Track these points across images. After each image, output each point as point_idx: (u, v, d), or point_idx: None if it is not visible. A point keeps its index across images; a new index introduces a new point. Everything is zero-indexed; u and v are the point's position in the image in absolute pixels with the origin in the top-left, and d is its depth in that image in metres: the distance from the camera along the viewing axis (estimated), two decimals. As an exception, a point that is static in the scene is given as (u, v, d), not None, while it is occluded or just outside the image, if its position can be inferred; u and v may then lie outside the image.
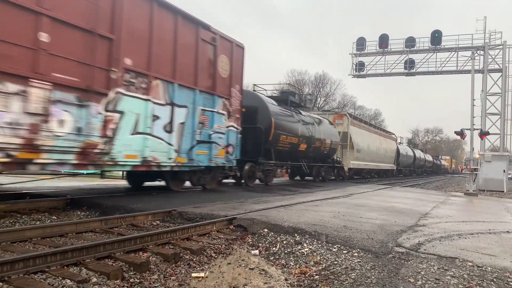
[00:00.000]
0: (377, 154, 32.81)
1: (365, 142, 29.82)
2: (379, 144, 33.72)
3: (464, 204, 14.49)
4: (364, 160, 29.23)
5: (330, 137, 22.44)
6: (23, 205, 7.71)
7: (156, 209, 7.89)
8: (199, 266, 5.09)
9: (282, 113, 17.36)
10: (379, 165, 33.94)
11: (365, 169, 31.14)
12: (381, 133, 36.08)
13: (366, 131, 30.66)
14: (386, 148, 36.42)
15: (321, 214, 8.37)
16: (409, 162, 47.60)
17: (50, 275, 4.00)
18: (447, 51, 29.05)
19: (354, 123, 28.35)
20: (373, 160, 31.62)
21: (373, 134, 32.63)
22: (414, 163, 50.69)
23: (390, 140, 38.98)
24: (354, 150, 26.92)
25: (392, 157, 38.79)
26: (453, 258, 5.40)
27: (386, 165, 36.72)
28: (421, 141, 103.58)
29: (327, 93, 60.76)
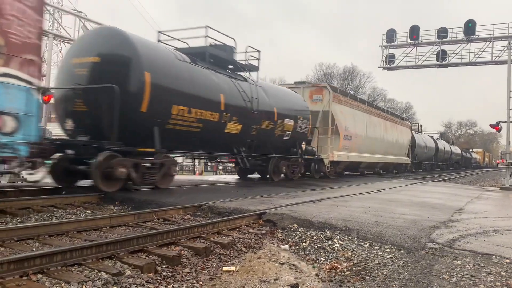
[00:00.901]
0: (381, 144, 25.51)
1: (359, 126, 22.25)
2: (383, 131, 26.14)
3: (500, 199, 14.04)
4: (358, 150, 21.96)
5: (294, 117, 15.69)
6: (59, 200, 7.96)
7: (187, 203, 8.00)
8: (230, 260, 5.13)
9: (179, 70, 10.73)
10: (383, 157, 26.39)
11: (362, 162, 23.96)
12: (387, 117, 27.98)
13: (361, 111, 22.89)
14: (396, 136, 29.06)
15: (352, 209, 8.29)
16: (429, 154, 40.62)
17: (86, 267, 4.12)
18: (482, 41, 28.04)
19: (340, 99, 20.33)
20: (373, 151, 24.31)
21: (374, 117, 24.97)
22: (437, 155, 43.63)
23: (402, 127, 30.94)
24: (340, 137, 19.41)
25: (404, 148, 31.34)
26: (489, 255, 5.25)
27: (395, 158, 29.32)
28: (454, 134, 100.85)
29: (356, 86, 59.93)
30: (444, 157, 47.86)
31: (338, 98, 20.12)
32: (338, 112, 19.59)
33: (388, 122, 27.38)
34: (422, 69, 31.89)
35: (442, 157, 46.60)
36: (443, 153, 46.37)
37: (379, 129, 25.46)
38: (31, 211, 7.12)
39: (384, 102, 65.17)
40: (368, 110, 24.43)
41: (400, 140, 29.88)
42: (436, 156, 43.19)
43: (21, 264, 3.77)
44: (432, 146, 41.28)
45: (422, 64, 30.46)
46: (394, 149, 28.63)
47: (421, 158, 37.69)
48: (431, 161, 42.10)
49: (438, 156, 44.18)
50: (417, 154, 35.13)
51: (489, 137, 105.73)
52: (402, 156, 30.72)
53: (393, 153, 28.22)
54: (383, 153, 26.02)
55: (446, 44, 29.39)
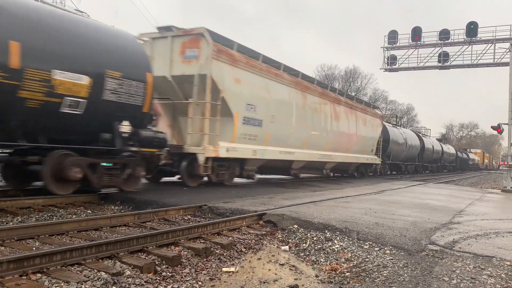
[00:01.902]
0: (327, 136, 17.71)
1: (284, 108, 14.34)
2: (332, 118, 18.13)
3: (501, 201, 14.02)
4: (281, 143, 14.20)
5: (96, 72, 8.28)
6: (60, 199, 7.95)
7: (188, 203, 8.01)
8: (230, 261, 5.13)
9: None
10: (333, 155, 18.34)
11: (295, 161, 15.76)
12: (339, 99, 19.34)
13: (286, 85, 14.58)
14: (356, 127, 20.87)
15: (352, 210, 8.28)
16: (411, 153, 32.86)
17: (86, 267, 4.12)
18: (484, 43, 28.02)
19: (234, 58, 12.05)
20: (314, 146, 16.49)
21: (314, 97, 16.64)
22: (422, 155, 36.44)
23: (368, 117, 22.68)
24: (234, 120, 11.94)
25: (370, 145, 23.18)
26: (490, 257, 5.23)
27: (354, 157, 21.02)
28: (456, 136, 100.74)
29: (358, 88, 59.87)
30: (433, 157, 40.89)
31: (229, 56, 11.61)
32: (227, 78, 11.56)
33: (341, 107, 19.09)
34: (423, 71, 31.86)
35: (430, 157, 39.61)
36: (431, 152, 39.33)
37: (325, 115, 17.36)
38: (31, 211, 7.12)
39: (385, 103, 65.11)
40: (302, 85, 15.59)
41: (364, 133, 21.93)
42: (421, 155, 36.18)
43: (20, 264, 3.77)
44: (416, 143, 33.86)
45: (424, 65, 30.44)
46: (353, 145, 20.49)
47: (399, 157, 30.32)
48: (415, 162, 34.86)
49: (425, 155, 37.25)
50: (392, 152, 27.90)
51: (491, 139, 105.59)
52: (368, 154, 22.86)
53: (351, 150, 20.22)
54: (332, 149, 18.10)
55: (448, 46, 29.36)
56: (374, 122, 23.70)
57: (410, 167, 33.67)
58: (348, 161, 20.50)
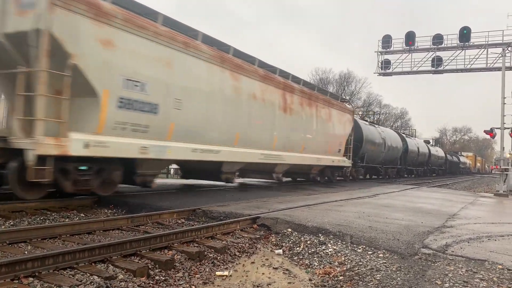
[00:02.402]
0: (271, 131, 13.89)
1: (186, 88, 10.16)
2: (280, 110, 14.29)
3: (494, 205, 14.10)
4: (186, 138, 10.29)
5: None
6: (53, 203, 7.91)
7: (181, 207, 7.98)
8: (223, 265, 5.12)
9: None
10: (284, 156, 14.71)
11: (225, 163, 12.13)
12: (291, 87, 15.31)
13: (193, 56, 10.34)
14: (317, 123, 17.06)
15: (346, 214, 8.30)
16: (392, 155, 28.72)
17: (79, 271, 4.10)
18: (476, 48, 28.24)
19: (98, 8, 8.05)
20: (248, 143, 12.65)
21: (243, 76, 12.38)
22: (406, 157, 32.75)
23: (334, 111, 18.75)
24: (98, 100, 8.13)
25: (337, 144, 19.30)
26: (482, 261, 5.27)
27: (316, 158, 17.24)
28: (449, 140, 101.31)
29: (352, 92, 60.09)
30: (419, 160, 37.54)
31: (90, 5, 7.96)
32: (86, 38, 7.94)
33: (294, 96, 15.26)
34: (417, 75, 32.04)
35: (415, 160, 36.27)
36: (416, 154, 35.98)
37: (270, 105, 13.57)
38: (24, 214, 7.07)
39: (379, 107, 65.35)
40: (231, 63, 11.69)
41: (328, 129, 18.19)
42: (404, 158, 32.62)
43: (12, 268, 3.74)
44: (397, 144, 29.85)
45: (418, 70, 30.63)
46: (313, 144, 16.74)
47: (377, 159, 26.19)
48: (397, 165, 31.10)
49: (409, 158, 33.69)
50: (367, 153, 23.88)
51: (484, 143, 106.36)
52: (334, 155, 18.93)
53: (309, 150, 16.45)
54: (282, 148, 14.48)
55: (442, 51, 29.58)
56: (343, 117, 19.85)
57: (391, 171, 30.49)
58: (306, 163, 16.67)
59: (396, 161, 30.76)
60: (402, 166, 32.92)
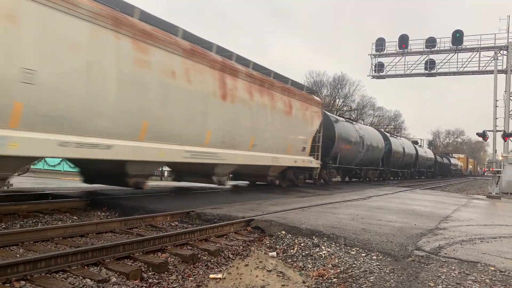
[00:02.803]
0: (202, 123, 10.76)
1: (45, 52, 7.01)
2: (214, 97, 10.99)
3: (487, 207, 14.19)
4: (46, 126, 7.10)
5: None
6: (46, 205, 7.87)
7: (175, 210, 7.96)
8: (217, 267, 5.11)
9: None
10: (224, 154, 11.55)
11: (129, 162, 8.92)
12: (230, 66, 11.77)
13: (57, 10, 7.11)
14: (273, 115, 14.02)
15: (339, 216, 8.31)
16: (372, 156, 25.51)
17: (71, 274, 4.08)
18: (469, 51, 28.48)
19: None
20: (163, 137, 9.50)
21: (155, 49, 9.03)
22: (389, 159, 29.71)
23: (296, 102, 15.70)
24: None
25: (301, 142, 16.23)
26: (474, 263, 5.30)
27: (270, 157, 14.14)
28: (442, 142, 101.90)
29: (346, 94, 60.28)
30: (405, 161, 34.21)
31: None
32: None
33: (239, 81, 12.10)
34: (410, 78, 32.24)
35: (400, 161, 32.95)
36: (402, 155, 32.66)
37: (199, 90, 10.48)
38: (16, 217, 7.02)
39: (373, 110, 65.57)
40: (135, 28, 8.73)
41: (291, 124, 15.25)
42: (388, 159, 29.48)
43: (3, 271, 3.72)
44: (379, 144, 26.61)
45: (411, 73, 30.82)
46: (267, 140, 13.70)
47: (353, 160, 22.89)
48: (378, 166, 28.08)
49: (393, 159, 30.47)
50: (340, 153, 20.35)
51: (477, 145, 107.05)
52: (296, 154, 15.90)
53: (262, 147, 13.42)
54: (221, 145, 11.45)
55: (435, 54, 29.79)
56: (308, 110, 16.62)
57: (371, 173, 27.44)
58: (258, 163, 13.51)
59: (376, 162, 27.62)
60: (385, 168, 29.78)
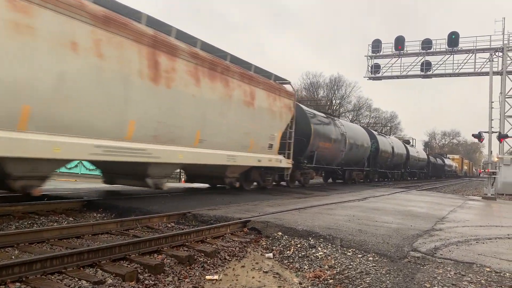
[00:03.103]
0: (122, 112, 8.46)
1: None
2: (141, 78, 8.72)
3: (482, 208, 14.25)
4: None
5: None
6: (41, 206, 7.83)
7: (172, 211, 7.95)
8: (213, 269, 5.11)
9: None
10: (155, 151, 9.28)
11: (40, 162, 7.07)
12: (165, 42, 9.39)
13: None
14: (226, 104, 11.63)
15: (336, 217, 8.32)
16: (356, 155, 23.66)
17: (67, 276, 4.06)
18: (465, 53, 28.61)
19: None
20: (54, 127, 7.15)
21: (45, 11, 6.74)
22: (376, 158, 27.75)
23: (256, 89, 13.05)
24: None
25: (266, 138, 13.89)
26: (470, 263, 5.31)
27: (226, 156, 11.76)
28: (438, 144, 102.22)
29: (342, 96, 60.37)
30: (394, 161, 32.27)
31: None
32: None
33: (180, 62, 9.89)
34: (407, 79, 32.34)
35: (389, 162, 31.03)
36: (391, 155, 30.71)
37: (111, 64, 8.18)
38: (11, 218, 6.98)
39: (369, 111, 65.67)
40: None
41: (253, 116, 12.99)
42: (374, 159, 27.66)
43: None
44: (364, 143, 24.50)
45: (407, 74, 30.91)
46: (223, 135, 11.70)
47: (334, 160, 20.96)
48: (363, 167, 25.95)
49: (380, 159, 28.61)
50: (318, 151, 18.20)
51: (472, 146, 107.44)
52: (263, 152, 13.67)
53: (213, 143, 11.25)
54: (152, 138, 9.34)
55: (431, 55, 29.92)
56: (277, 102, 14.26)
57: (356, 174, 25.37)
58: (207, 162, 11.21)
59: (361, 162, 25.43)
60: (372, 169, 27.67)
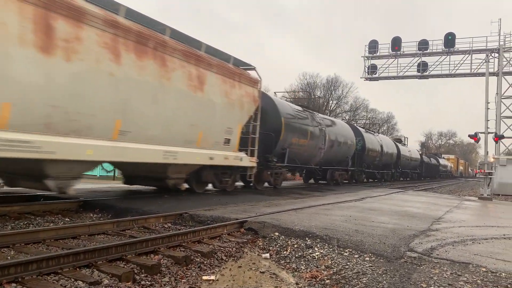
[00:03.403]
0: None
1: None
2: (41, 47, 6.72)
3: (478, 208, 14.29)
4: None
5: None
6: (37, 207, 7.81)
7: (168, 211, 7.93)
8: (210, 269, 5.10)
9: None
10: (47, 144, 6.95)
11: None
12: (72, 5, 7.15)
13: None
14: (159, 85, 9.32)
15: (333, 218, 8.33)
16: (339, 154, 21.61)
17: (63, 276, 4.05)
18: (461, 54, 28.71)
19: None
20: None
21: None
22: (362, 157, 25.90)
23: (208, 73, 11.00)
24: None
25: (222, 131, 11.91)
26: (466, 264, 5.33)
27: (162, 152, 9.58)
28: (435, 144, 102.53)
29: (339, 96, 60.45)
30: (383, 161, 30.18)
31: None
32: None
33: (89, 30, 7.61)
34: (403, 80, 32.41)
35: (378, 161, 28.87)
36: (379, 154, 28.63)
37: None
38: (7, 219, 6.96)
39: (366, 112, 65.76)
40: None
41: (203, 105, 11.01)
42: (361, 158, 25.72)
43: (-6, 273, 3.68)
44: (347, 140, 22.30)
45: (404, 75, 30.98)
46: (159, 126, 9.64)
47: (312, 159, 19.01)
48: (347, 166, 23.43)
49: (367, 158, 26.68)
50: (290, 148, 16.19)
51: (469, 147, 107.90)
52: (216, 149, 11.85)
53: (150, 137, 9.38)
54: (43, 128, 7.03)
55: (427, 56, 30.01)
56: (236, 89, 12.39)
57: (338, 174, 22.69)
58: (135, 159, 9.17)
59: (344, 162, 22.94)
60: (356, 168, 25.35)
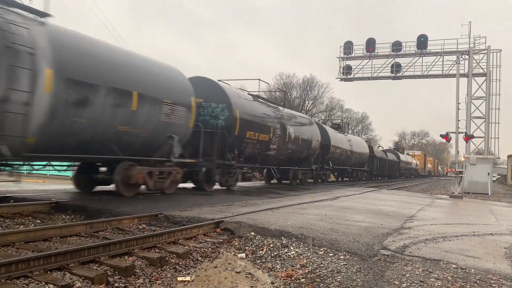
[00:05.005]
0: None
1: None
2: None
3: (449, 206, 14.66)
4: None
5: None
6: (6, 209, 7.58)
7: (143, 212, 7.83)
8: (185, 270, 5.06)
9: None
10: None
11: None
12: None
13: None
14: None
15: (308, 217, 8.39)
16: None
17: (33, 280, 3.94)
18: (433, 55, 29.42)
19: None
20: None
21: None
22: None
23: None
24: None
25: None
26: (437, 261, 5.46)
27: None
28: (408, 143, 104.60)
29: (315, 96, 61.00)
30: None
31: None
32: None
33: None
34: (377, 81, 32.95)
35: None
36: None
37: None
38: (-26, 221, 6.74)
39: (341, 112, 66.54)
40: None
41: None
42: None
43: (-40, 278, 3.55)
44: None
45: (378, 75, 31.51)
46: None
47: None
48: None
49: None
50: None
51: (441, 147, 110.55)
52: None
53: None
54: None
55: (401, 57, 30.60)
56: None
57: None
58: None
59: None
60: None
